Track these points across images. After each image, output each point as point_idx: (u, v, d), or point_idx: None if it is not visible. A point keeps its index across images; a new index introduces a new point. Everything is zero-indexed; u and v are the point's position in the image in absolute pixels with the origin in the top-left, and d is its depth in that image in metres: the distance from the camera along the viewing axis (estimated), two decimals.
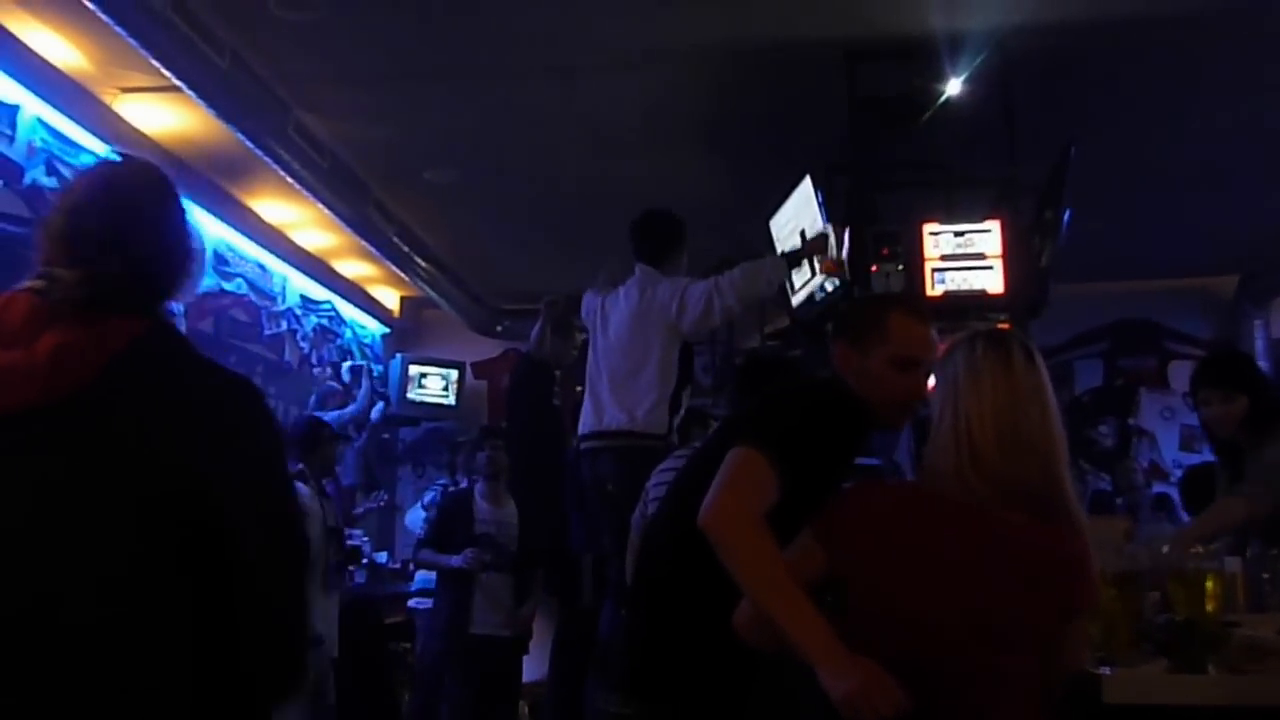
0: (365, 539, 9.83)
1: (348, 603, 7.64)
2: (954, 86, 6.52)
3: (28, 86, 6.60)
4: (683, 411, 6.32)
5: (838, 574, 2.69)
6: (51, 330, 2.06)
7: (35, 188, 6.66)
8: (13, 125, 6.58)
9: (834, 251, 6.43)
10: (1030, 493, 2.63)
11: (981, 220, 6.62)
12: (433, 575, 8.08)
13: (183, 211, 2.34)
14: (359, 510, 10.50)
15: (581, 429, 6.20)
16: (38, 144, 6.76)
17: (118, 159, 2.41)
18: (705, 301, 5.96)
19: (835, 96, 6.67)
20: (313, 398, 10.38)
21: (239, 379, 2.25)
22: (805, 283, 7.28)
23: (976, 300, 6.49)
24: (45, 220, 2.22)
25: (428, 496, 9.36)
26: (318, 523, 6.78)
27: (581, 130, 7.83)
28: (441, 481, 9.25)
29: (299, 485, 6.91)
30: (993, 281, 6.51)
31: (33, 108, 6.73)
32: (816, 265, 6.68)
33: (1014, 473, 2.63)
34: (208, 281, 8.84)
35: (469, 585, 7.50)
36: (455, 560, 7.45)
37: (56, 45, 6.53)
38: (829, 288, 6.99)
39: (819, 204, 6.91)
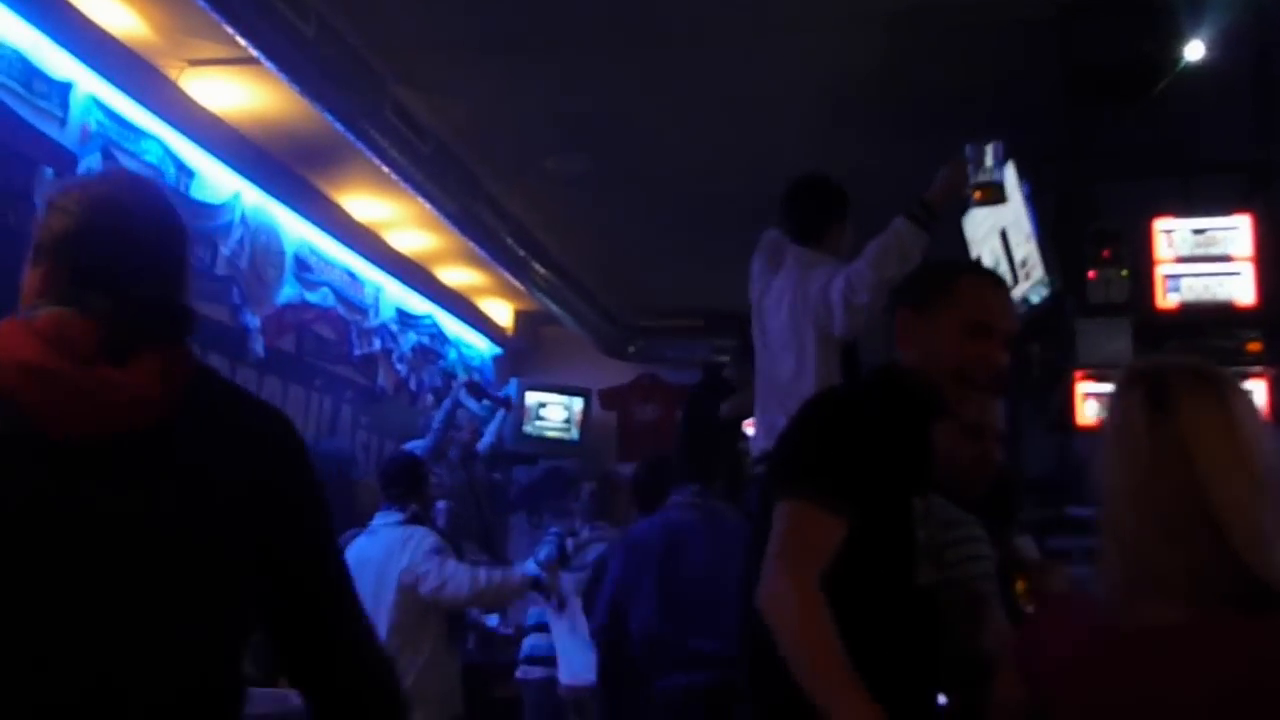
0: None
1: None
2: (1194, 50, 6.41)
3: (82, 59, 6.78)
4: None
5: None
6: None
7: None
8: (65, 105, 6.75)
9: (982, 173, 5.97)
10: (1220, 582, 2.40)
11: (1228, 214, 6.52)
12: (543, 641, 8.22)
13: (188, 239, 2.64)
14: None
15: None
16: (93, 127, 6.93)
17: (118, 176, 2.77)
18: (844, 304, 5.61)
19: (1046, 64, 6.60)
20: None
21: (282, 414, 2.60)
22: None
23: (1220, 313, 6.40)
24: (48, 239, 2.45)
25: (543, 552, 9.43)
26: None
27: (740, 109, 7.85)
28: (555, 530, 9.28)
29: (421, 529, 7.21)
30: (1242, 290, 6.42)
31: (88, 85, 6.91)
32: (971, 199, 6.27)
33: (1182, 563, 2.42)
34: (288, 291, 9.01)
35: None
36: None
37: (115, 11, 6.71)
38: (1034, 299, 6.92)
39: (1025, 196, 6.86)
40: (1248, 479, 2.40)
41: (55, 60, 6.66)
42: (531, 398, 12.40)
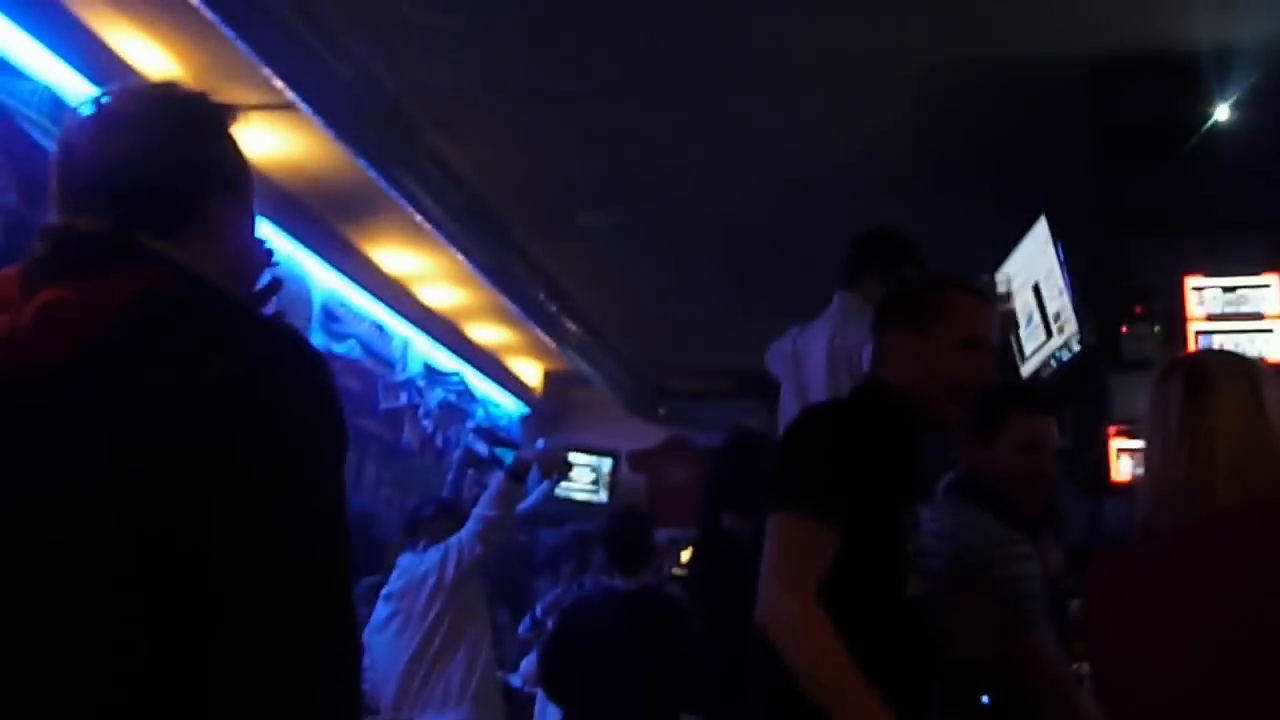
0: None
1: None
2: (1222, 112, 6.54)
3: None
4: None
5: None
6: (47, 289, 2.08)
7: None
8: None
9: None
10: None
11: (1257, 273, 6.64)
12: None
13: (181, 125, 2.30)
14: None
15: None
16: None
17: (120, 91, 2.34)
18: None
19: (1077, 123, 6.76)
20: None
21: (287, 339, 2.10)
22: (1038, 347, 7.35)
23: None
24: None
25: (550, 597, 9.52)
26: None
27: (774, 163, 7.99)
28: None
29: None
30: (1272, 347, 6.53)
31: None
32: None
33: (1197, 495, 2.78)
34: (315, 341, 9.13)
35: None
36: None
37: (151, 53, 6.87)
38: (1065, 356, 7.06)
39: (1057, 252, 7.00)
40: (1262, 444, 2.77)
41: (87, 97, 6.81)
42: None
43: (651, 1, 6.41)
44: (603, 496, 12.75)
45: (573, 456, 12.39)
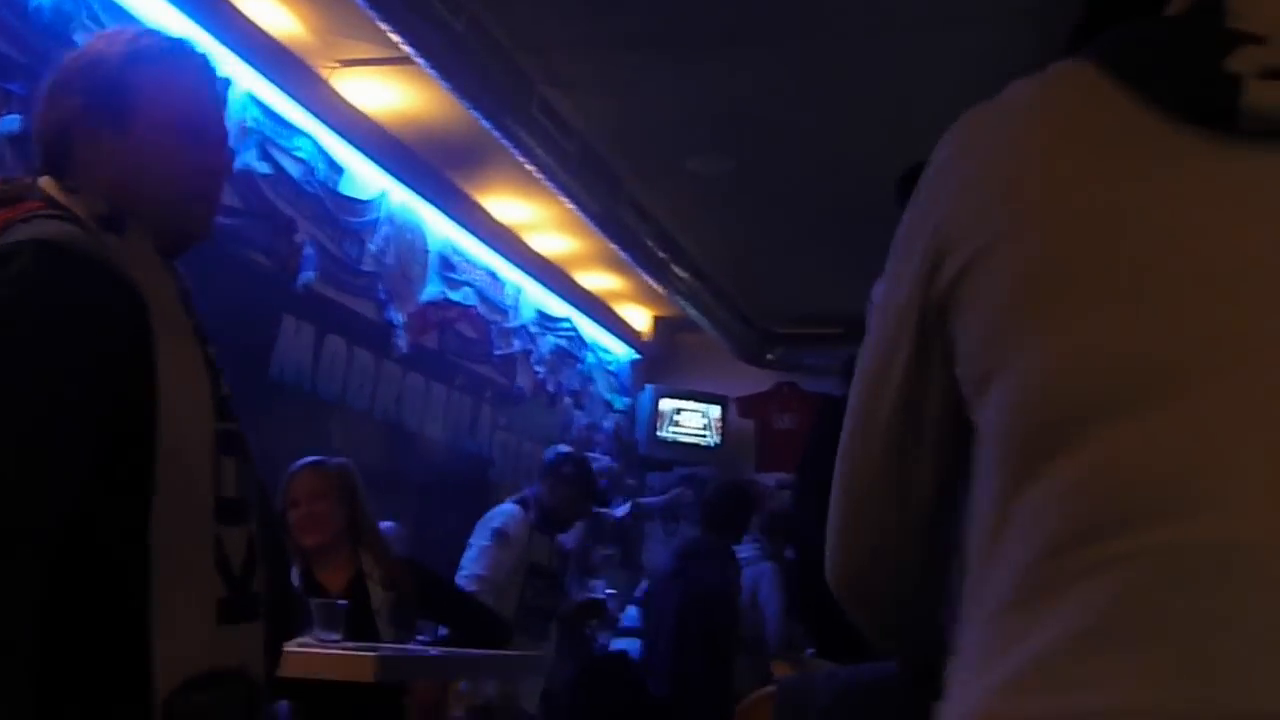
0: (611, 592, 9.68)
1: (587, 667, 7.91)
2: None
3: (242, 58, 6.97)
4: None
5: None
6: None
7: (247, 173, 7.00)
8: (224, 101, 6.89)
9: None
10: None
11: None
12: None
13: (67, 73, 2.45)
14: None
15: None
16: (249, 124, 7.11)
17: None
18: None
19: None
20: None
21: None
22: None
23: None
24: None
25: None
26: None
27: (889, 108, 7.78)
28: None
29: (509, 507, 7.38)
30: None
31: (246, 82, 7.10)
32: None
33: None
34: (432, 289, 9.14)
35: None
36: None
37: (273, 11, 6.90)
38: None
39: None
40: None
41: (216, 58, 6.79)
42: (668, 403, 12.44)
43: None
44: (712, 441, 12.62)
45: (680, 403, 12.36)
